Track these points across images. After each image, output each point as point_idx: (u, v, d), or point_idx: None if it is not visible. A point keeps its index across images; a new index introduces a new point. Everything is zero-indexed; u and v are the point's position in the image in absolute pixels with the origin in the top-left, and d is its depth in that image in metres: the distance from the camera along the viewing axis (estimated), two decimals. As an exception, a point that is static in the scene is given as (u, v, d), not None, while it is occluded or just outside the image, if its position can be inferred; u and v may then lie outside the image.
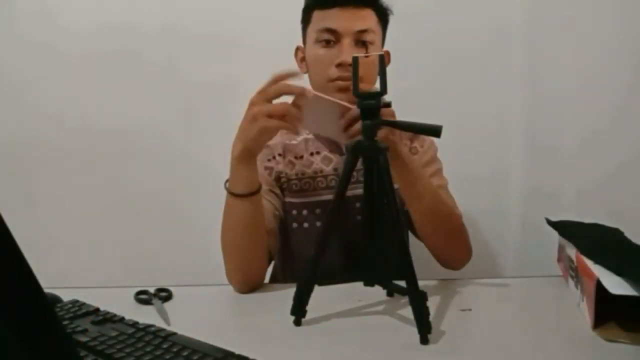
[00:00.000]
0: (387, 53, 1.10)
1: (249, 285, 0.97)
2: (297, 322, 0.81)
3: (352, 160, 0.80)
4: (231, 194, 0.92)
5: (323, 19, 1.03)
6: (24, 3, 1.60)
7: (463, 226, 1.05)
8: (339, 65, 1.01)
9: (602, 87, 1.50)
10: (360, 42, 1.02)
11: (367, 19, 1.03)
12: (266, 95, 0.84)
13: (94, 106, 1.61)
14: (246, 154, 0.90)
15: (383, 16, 1.07)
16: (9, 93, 1.62)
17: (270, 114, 0.84)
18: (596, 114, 1.52)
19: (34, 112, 1.62)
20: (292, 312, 0.82)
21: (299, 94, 0.83)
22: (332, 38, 1.01)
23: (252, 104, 0.86)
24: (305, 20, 1.08)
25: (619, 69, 1.50)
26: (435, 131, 0.80)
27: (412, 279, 0.75)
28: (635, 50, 1.48)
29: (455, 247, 1.04)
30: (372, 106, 0.78)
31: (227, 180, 0.94)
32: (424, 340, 0.73)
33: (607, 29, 1.48)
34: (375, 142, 0.79)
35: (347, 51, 1.00)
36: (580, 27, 1.50)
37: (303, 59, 1.10)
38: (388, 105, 0.80)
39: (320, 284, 0.84)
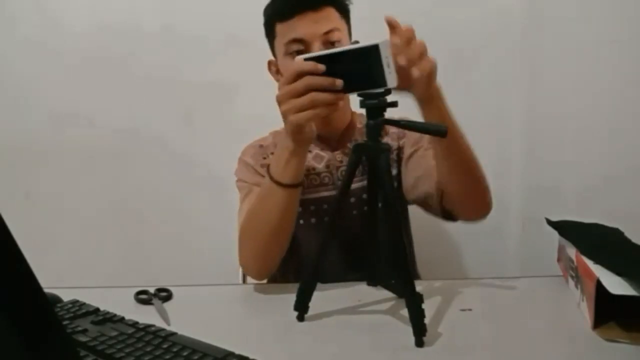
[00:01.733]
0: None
1: (267, 273, 0.98)
2: (300, 318, 0.82)
3: (355, 161, 0.81)
4: (277, 183, 0.91)
5: (287, 30, 1.02)
6: (24, 3, 1.60)
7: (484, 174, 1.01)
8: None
9: (602, 86, 1.50)
10: (329, 42, 1.01)
11: (329, 18, 1.02)
12: (292, 92, 0.81)
13: (94, 106, 1.61)
14: (298, 146, 0.89)
15: (343, 10, 1.06)
16: (9, 93, 1.62)
17: (299, 109, 0.81)
18: (596, 112, 1.52)
19: (34, 112, 1.62)
20: (296, 308, 0.82)
21: (330, 86, 0.79)
22: (301, 47, 1.01)
23: (279, 102, 0.84)
24: (270, 34, 1.08)
25: (620, 68, 1.50)
26: (440, 131, 0.79)
27: (408, 281, 0.75)
28: (635, 49, 1.49)
29: (480, 193, 1.00)
30: (375, 106, 0.78)
31: (267, 166, 0.93)
32: (419, 343, 0.72)
33: (607, 28, 1.48)
34: (378, 143, 0.79)
35: None
36: (580, 26, 1.50)
37: (278, 71, 1.10)
38: (394, 105, 0.80)
39: (321, 282, 0.84)
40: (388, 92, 0.78)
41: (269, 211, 0.94)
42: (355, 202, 1.09)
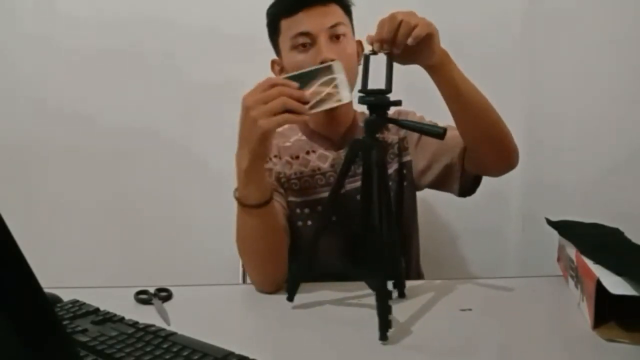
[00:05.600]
0: (360, 43, 1.10)
1: (272, 285, 0.95)
2: (290, 299, 0.86)
3: (350, 157, 0.81)
4: (244, 205, 0.90)
5: (292, 25, 1.03)
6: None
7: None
8: (321, 63, 1.01)
9: (602, 86, 1.50)
10: (335, 36, 1.03)
11: (334, 13, 1.04)
12: (264, 98, 0.81)
13: (94, 105, 1.61)
14: (255, 163, 0.87)
15: (347, 7, 1.08)
16: (9, 92, 1.62)
17: (270, 113, 0.81)
18: (596, 112, 1.51)
19: (33, 111, 1.62)
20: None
21: (300, 97, 0.81)
22: (307, 41, 1.02)
23: (248, 107, 0.83)
24: (274, 32, 1.08)
25: (619, 68, 1.49)
26: (439, 133, 0.80)
27: (381, 276, 0.75)
28: (635, 48, 1.48)
29: (506, 139, 1.01)
30: (374, 103, 0.79)
31: (235, 189, 0.92)
32: (384, 337, 0.73)
33: (607, 28, 1.48)
34: (374, 139, 0.79)
35: (325, 48, 1.01)
36: (580, 26, 1.50)
37: (281, 70, 1.10)
38: (398, 103, 0.80)
39: (319, 280, 0.85)
40: (389, 90, 0.78)
41: (249, 234, 0.93)
42: (355, 200, 1.09)
